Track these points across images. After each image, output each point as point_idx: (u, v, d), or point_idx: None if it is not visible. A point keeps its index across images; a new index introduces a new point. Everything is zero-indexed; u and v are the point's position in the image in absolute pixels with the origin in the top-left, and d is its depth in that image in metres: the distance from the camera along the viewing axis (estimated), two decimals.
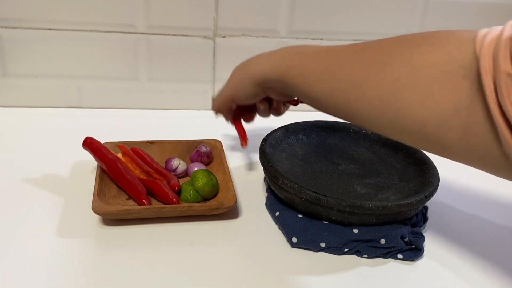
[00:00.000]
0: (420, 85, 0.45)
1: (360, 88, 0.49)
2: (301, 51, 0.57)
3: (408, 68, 0.46)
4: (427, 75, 0.44)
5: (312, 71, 0.54)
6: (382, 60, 0.48)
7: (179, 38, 0.84)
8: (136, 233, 0.57)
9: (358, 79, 0.49)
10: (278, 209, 0.60)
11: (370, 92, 0.48)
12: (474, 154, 0.44)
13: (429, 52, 0.45)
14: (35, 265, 0.51)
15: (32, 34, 0.80)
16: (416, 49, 0.47)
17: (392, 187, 0.63)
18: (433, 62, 0.45)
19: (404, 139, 0.49)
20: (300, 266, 0.54)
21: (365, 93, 0.48)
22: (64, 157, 0.70)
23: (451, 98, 0.43)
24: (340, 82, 0.51)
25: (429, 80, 0.44)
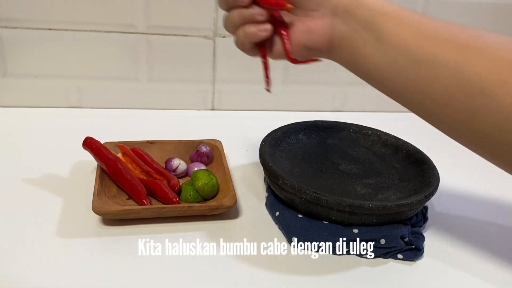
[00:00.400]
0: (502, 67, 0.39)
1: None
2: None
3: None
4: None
5: (431, 31, 0.43)
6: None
7: (179, 38, 0.84)
8: (136, 233, 0.57)
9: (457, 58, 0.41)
10: (278, 209, 0.60)
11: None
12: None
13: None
14: (35, 265, 0.51)
15: (32, 34, 0.80)
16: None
17: (392, 187, 0.63)
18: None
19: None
20: (300, 266, 0.54)
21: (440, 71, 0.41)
22: (64, 157, 0.70)
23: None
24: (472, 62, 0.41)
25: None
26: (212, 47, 0.85)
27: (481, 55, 0.41)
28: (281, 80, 0.89)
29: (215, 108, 0.91)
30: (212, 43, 0.85)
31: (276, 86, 0.90)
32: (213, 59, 0.86)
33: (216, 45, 0.85)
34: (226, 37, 0.85)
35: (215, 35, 0.85)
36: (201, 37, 0.84)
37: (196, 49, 0.85)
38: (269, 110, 0.91)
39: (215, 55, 0.86)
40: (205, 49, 0.85)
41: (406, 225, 0.57)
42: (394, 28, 0.43)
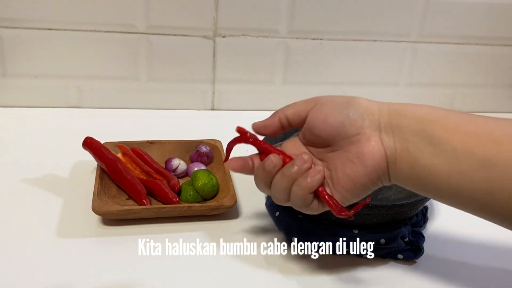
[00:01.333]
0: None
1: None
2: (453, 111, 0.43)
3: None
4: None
5: (493, 128, 0.40)
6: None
7: (179, 38, 0.84)
8: (136, 233, 0.57)
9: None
10: (278, 209, 0.60)
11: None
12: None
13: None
14: (35, 265, 0.51)
15: (32, 34, 0.80)
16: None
17: (392, 187, 0.63)
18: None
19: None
20: (300, 266, 0.54)
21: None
22: (64, 157, 0.70)
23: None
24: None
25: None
26: (212, 47, 0.85)
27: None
28: (281, 80, 0.89)
29: (215, 108, 0.91)
30: (212, 43, 0.85)
31: (276, 86, 0.90)
32: (213, 59, 0.86)
33: (216, 45, 0.85)
34: (226, 37, 0.85)
35: (215, 35, 0.85)
36: (201, 37, 0.84)
37: (196, 49, 0.85)
38: (269, 110, 0.90)
39: (215, 55, 0.86)
40: (205, 49, 0.85)
41: (406, 225, 0.57)
42: (447, 133, 0.40)
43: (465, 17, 0.89)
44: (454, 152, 0.40)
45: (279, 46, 0.87)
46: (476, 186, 0.40)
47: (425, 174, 0.42)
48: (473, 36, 0.91)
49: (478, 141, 0.40)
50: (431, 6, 0.87)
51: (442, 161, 0.40)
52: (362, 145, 0.43)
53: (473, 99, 0.97)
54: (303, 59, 0.88)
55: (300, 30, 0.86)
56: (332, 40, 0.88)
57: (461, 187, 0.40)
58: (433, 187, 0.42)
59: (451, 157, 0.40)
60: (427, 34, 0.89)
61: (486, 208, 0.41)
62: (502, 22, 0.91)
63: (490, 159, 0.39)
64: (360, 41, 0.88)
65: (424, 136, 0.41)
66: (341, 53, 0.89)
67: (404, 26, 0.88)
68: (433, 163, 0.41)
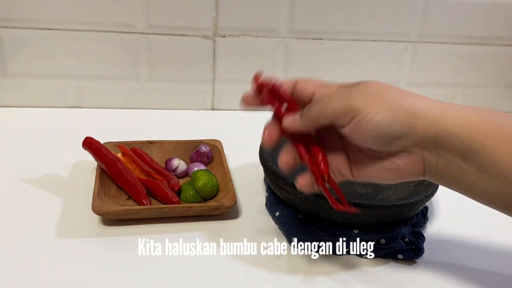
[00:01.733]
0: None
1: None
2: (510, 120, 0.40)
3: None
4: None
5: None
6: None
7: (179, 38, 0.84)
8: (136, 233, 0.57)
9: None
10: (278, 209, 0.60)
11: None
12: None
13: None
14: (35, 265, 0.51)
15: (32, 34, 0.80)
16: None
17: (392, 187, 0.63)
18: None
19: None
20: (300, 266, 0.54)
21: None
22: (64, 157, 0.70)
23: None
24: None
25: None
26: (212, 47, 0.85)
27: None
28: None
29: (215, 108, 0.91)
30: (212, 43, 0.85)
31: None
32: (213, 59, 0.86)
33: (216, 45, 0.85)
34: (226, 37, 0.85)
35: (215, 35, 0.85)
36: (201, 37, 0.84)
37: (196, 49, 0.85)
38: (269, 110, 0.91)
39: (215, 55, 0.86)
40: (205, 49, 0.85)
41: (406, 225, 0.57)
42: (497, 157, 0.37)
43: (465, 17, 0.89)
44: (501, 178, 0.38)
45: (279, 46, 0.87)
46: (504, 196, 0.39)
47: (465, 189, 0.41)
48: (473, 36, 0.91)
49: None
50: (431, 6, 0.87)
51: (487, 184, 0.39)
52: (403, 161, 0.41)
53: (473, 99, 0.97)
54: (303, 59, 0.88)
55: (300, 30, 0.86)
56: (332, 40, 0.88)
57: (506, 206, 0.39)
58: (471, 196, 0.42)
59: (496, 182, 0.38)
60: (427, 34, 0.89)
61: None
62: (502, 22, 0.91)
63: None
64: (360, 41, 0.88)
65: (472, 159, 0.38)
66: (341, 53, 0.89)
67: (404, 26, 0.88)
68: (477, 184, 0.39)
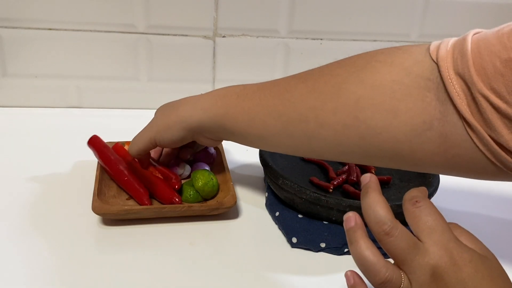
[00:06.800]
0: (384, 103, 0.43)
1: (318, 116, 0.47)
2: (236, 93, 0.55)
3: (367, 88, 0.44)
4: (388, 92, 0.43)
5: (257, 110, 0.52)
6: (335, 85, 0.46)
7: (179, 38, 0.84)
8: (136, 233, 0.57)
9: (313, 108, 0.47)
10: (278, 209, 0.60)
11: (330, 118, 0.46)
12: (456, 163, 0.43)
13: (383, 69, 0.44)
14: (35, 265, 0.51)
15: (32, 34, 0.80)
16: (368, 69, 0.45)
17: (392, 187, 0.63)
18: (391, 78, 0.43)
19: (373, 161, 0.48)
20: (300, 266, 0.54)
21: (324, 120, 0.46)
22: (64, 157, 0.70)
23: (420, 112, 0.42)
24: (292, 114, 0.49)
25: (393, 97, 0.43)
26: (212, 47, 0.85)
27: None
28: None
29: None
30: (212, 43, 0.85)
31: None
32: (213, 59, 0.86)
33: (216, 45, 0.85)
34: (226, 37, 0.85)
35: (215, 35, 0.85)
36: (201, 37, 0.84)
37: (196, 49, 0.85)
38: None
39: (215, 55, 0.86)
40: (205, 49, 0.85)
41: (406, 225, 0.57)
42: (232, 125, 0.54)
43: (465, 17, 0.89)
44: (240, 134, 0.54)
45: (279, 46, 0.87)
46: (262, 146, 0.57)
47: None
48: None
49: (248, 124, 0.53)
50: (431, 6, 0.87)
51: (239, 139, 0.56)
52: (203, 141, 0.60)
53: None
54: (303, 59, 0.88)
55: (300, 30, 0.86)
56: (332, 40, 0.88)
57: (257, 147, 0.58)
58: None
59: (240, 137, 0.55)
60: (427, 34, 0.89)
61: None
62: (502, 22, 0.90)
63: (261, 133, 0.52)
64: (360, 41, 0.88)
65: (221, 131, 0.56)
66: (341, 53, 0.88)
67: (404, 26, 0.88)
68: (236, 140, 0.56)
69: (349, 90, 0.45)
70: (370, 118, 0.44)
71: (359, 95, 0.44)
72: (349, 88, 0.45)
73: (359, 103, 0.44)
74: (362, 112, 0.44)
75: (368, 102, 0.44)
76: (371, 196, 0.37)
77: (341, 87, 0.46)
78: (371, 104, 0.44)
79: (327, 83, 0.47)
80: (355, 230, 0.36)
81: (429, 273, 0.34)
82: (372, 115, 0.44)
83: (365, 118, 0.44)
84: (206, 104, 0.56)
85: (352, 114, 0.45)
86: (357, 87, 0.45)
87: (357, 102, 0.44)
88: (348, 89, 0.45)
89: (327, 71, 0.49)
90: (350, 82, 0.45)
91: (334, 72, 0.48)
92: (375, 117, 0.44)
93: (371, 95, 0.44)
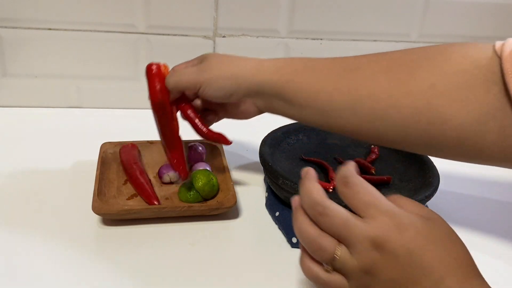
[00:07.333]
0: (455, 91, 0.45)
1: (391, 97, 0.48)
2: (303, 63, 0.54)
3: (440, 75, 0.46)
4: (461, 81, 0.45)
5: (324, 83, 0.51)
6: (409, 68, 0.48)
7: (179, 38, 0.84)
8: (136, 233, 0.57)
9: (386, 88, 0.48)
10: (278, 209, 0.60)
11: (402, 100, 0.47)
12: (510, 155, 0.45)
13: (455, 59, 0.47)
14: (35, 265, 0.51)
15: (32, 34, 0.80)
16: (441, 57, 0.47)
17: (392, 187, 0.63)
18: (462, 68, 0.46)
19: (434, 149, 0.49)
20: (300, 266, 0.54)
21: (397, 101, 0.47)
22: (64, 157, 0.70)
23: (486, 102, 0.45)
24: (363, 92, 0.49)
25: (463, 86, 0.45)
26: (212, 47, 0.85)
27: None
28: None
29: None
30: (212, 43, 0.85)
31: None
32: None
33: (216, 45, 0.85)
34: (226, 37, 0.85)
35: (215, 35, 0.85)
36: (201, 37, 0.84)
37: (196, 49, 0.85)
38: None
39: None
40: (205, 49, 0.85)
41: None
42: (293, 90, 0.53)
43: (465, 17, 0.89)
44: (300, 106, 0.53)
45: (279, 46, 0.87)
46: (319, 122, 0.54)
47: (284, 117, 0.56)
48: (473, 36, 0.91)
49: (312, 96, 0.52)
50: (431, 6, 0.87)
51: (303, 114, 0.54)
52: (242, 106, 0.58)
53: None
54: None
55: (300, 30, 0.86)
56: (332, 40, 0.88)
57: (310, 124, 0.55)
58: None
59: (307, 111, 0.53)
60: (427, 34, 0.89)
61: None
62: (502, 22, 0.91)
63: (324, 107, 0.51)
64: (360, 41, 0.88)
65: (280, 96, 0.53)
66: (341, 53, 0.88)
67: (404, 26, 0.88)
68: (298, 116, 0.55)
69: (422, 75, 0.47)
70: (442, 105, 0.46)
71: (432, 81, 0.46)
72: (423, 73, 0.47)
73: (433, 89, 0.46)
74: (434, 98, 0.46)
75: (441, 89, 0.46)
76: (305, 184, 0.39)
77: (415, 71, 0.47)
78: (444, 90, 0.46)
79: (401, 66, 0.48)
80: (296, 210, 0.39)
81: (369, 244, 0.35)
82: (444, 102, 0.46)
83: (437, 104, 0.46)
84: (271, 68, 0.54)
85: (425, 99, 0.46)
86: (431, 73, 0.47)
87: (431, 87, 0.46)
88: (422, 74, 0.47)
89: (399, 55, 0.50)
90: (424, 68, 0.47)
91: (407, 57, 0.49)
92: (446, 104, 0.46)
93: (444, 82, 0.46)
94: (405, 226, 0.35)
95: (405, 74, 0.48)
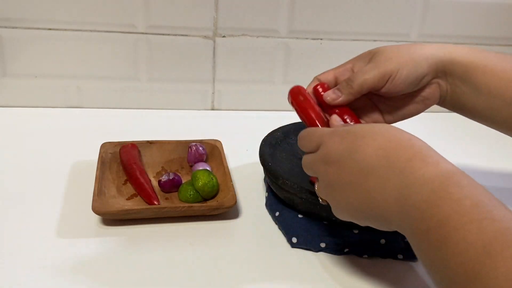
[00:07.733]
0: None
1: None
2: (494, 52, 0.52)
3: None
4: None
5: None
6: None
7: (179, 38, 0.84)
8: (136, 233, 0.57)
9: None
10: (278, 209, 0.60)
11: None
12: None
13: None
14: (35, 265, 0.51)
15: (32, 34, 0.80)
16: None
17: None
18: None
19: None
20: (300, 266, 0.54)
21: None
22: (64, 157, 0.70)
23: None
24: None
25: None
26: (212, 47, 0.85)
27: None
28: (281, 80, 0.89)
29: (215, 108, 0.91)
30: (212, 43, 0.85)
31: (276, 86, 0.90)
32: (213, 59, 0.86)
33: (216, 45, 0.85)
34: (226, 37, 0.85)
35: (215, 35, 0.85)
36: (201, 37, 0.84)
37: (196, 49, 0.85)
38: (269, 110, 0.91)
39: (215, 55, 0.86)
40: (205, 49, 0.85)
41: None
42: (486, 76, 0.50)
43: (465, 17, 0.89)
44: (489, 94, 0.50)
45: (279, 46, 0.87)
46: (504, 116, 0.51)
47: (469, 111, 0.53)
48: (473, 36, 0.91)
49: (507, 85, 0.49)
50: (431, 6, 0.87)
51: (486, 104, 0.51)
52: (424, 91, 0.54)
53: None
54: (303, 59, 0.88)
55: (300, 30, 0.86)
56: (332, 40, 0.88)
57: (492, 118, 0.52)
58: (475, 119, 0.54)
59: (494, 102, 0.50)
60: (427, 34, 0.89)
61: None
62: (502, 22, 0.91)
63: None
64: (360, 41, 0.88)
65: (467, 79, 0.51)
66: (341, 53, 0.88)
67: (404, 26, 0.88)
68: (477, 106, 0.52)
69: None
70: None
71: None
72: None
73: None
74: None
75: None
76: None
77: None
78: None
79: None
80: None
81: (322, 167, 0.45)
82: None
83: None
84: (460, 49, 0.52)
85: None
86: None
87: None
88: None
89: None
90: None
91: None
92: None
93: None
94: (339, 138, 0.44)
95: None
